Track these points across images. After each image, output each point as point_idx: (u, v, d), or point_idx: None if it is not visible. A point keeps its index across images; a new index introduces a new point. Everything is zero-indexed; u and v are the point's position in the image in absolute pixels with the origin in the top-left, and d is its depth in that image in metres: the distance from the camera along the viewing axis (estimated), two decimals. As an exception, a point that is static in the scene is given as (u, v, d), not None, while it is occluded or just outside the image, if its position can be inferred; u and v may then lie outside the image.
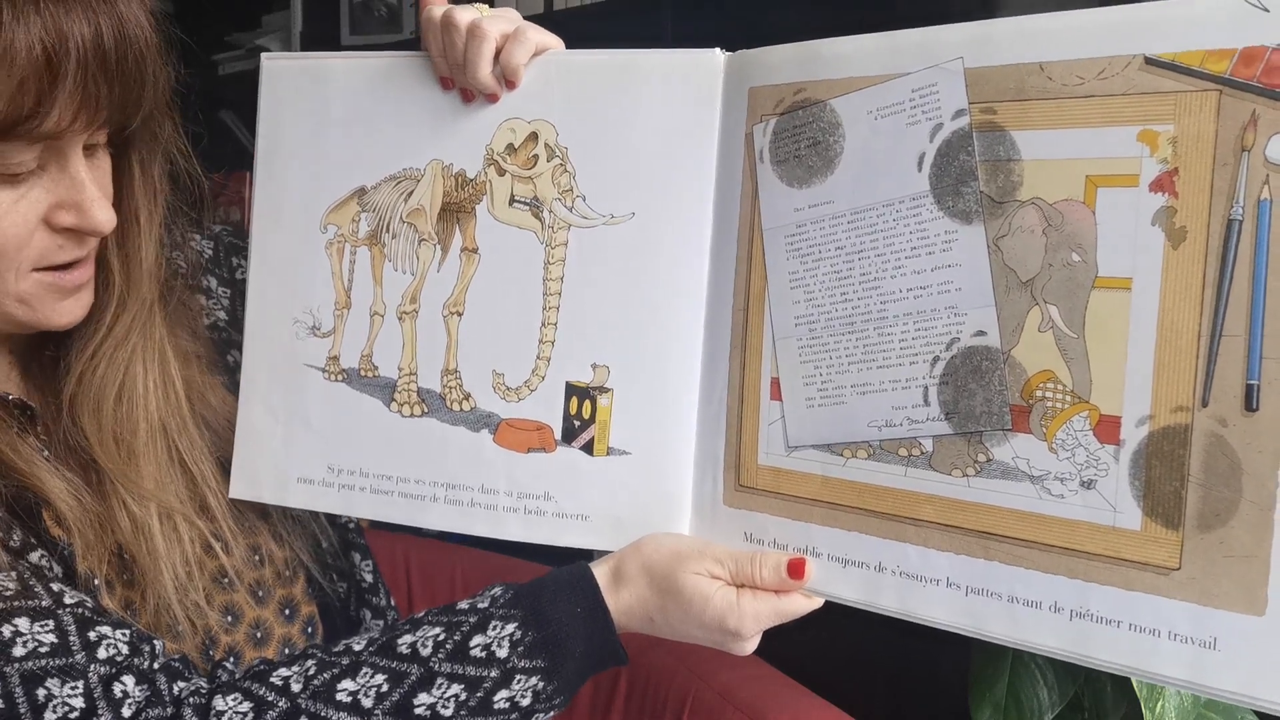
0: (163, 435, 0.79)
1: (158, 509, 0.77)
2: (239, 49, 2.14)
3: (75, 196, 0.68)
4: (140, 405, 0.78)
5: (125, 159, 0.76)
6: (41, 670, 0.64)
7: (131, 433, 0.77)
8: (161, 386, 0.80)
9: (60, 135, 0.65)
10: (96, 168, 0.72)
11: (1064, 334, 0.62)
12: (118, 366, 0.77)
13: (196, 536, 0.79)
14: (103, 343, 0.76)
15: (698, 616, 0.71)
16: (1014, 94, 0.63)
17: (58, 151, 0.67)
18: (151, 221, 0.78)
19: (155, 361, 0.79)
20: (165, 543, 0.76)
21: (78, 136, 0.67)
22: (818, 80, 0.70)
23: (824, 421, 0.70)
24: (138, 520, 0.75)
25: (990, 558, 0.64)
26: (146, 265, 0.77)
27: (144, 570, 0.75)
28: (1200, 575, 0.58)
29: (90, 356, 0.76)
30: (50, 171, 0.68)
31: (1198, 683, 0.58)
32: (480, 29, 0.75)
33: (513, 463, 0.78)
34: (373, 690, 0.68)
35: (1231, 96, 0.57)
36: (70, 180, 0.68)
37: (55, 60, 0.63)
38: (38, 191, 0.68)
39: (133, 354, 0.77)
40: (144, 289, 0.77)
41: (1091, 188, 0.61)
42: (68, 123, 0.65)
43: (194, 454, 0.81)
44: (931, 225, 0.66)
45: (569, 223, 0.77)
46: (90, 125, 0.67)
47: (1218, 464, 0.58)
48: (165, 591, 0.75)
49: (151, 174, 0.77)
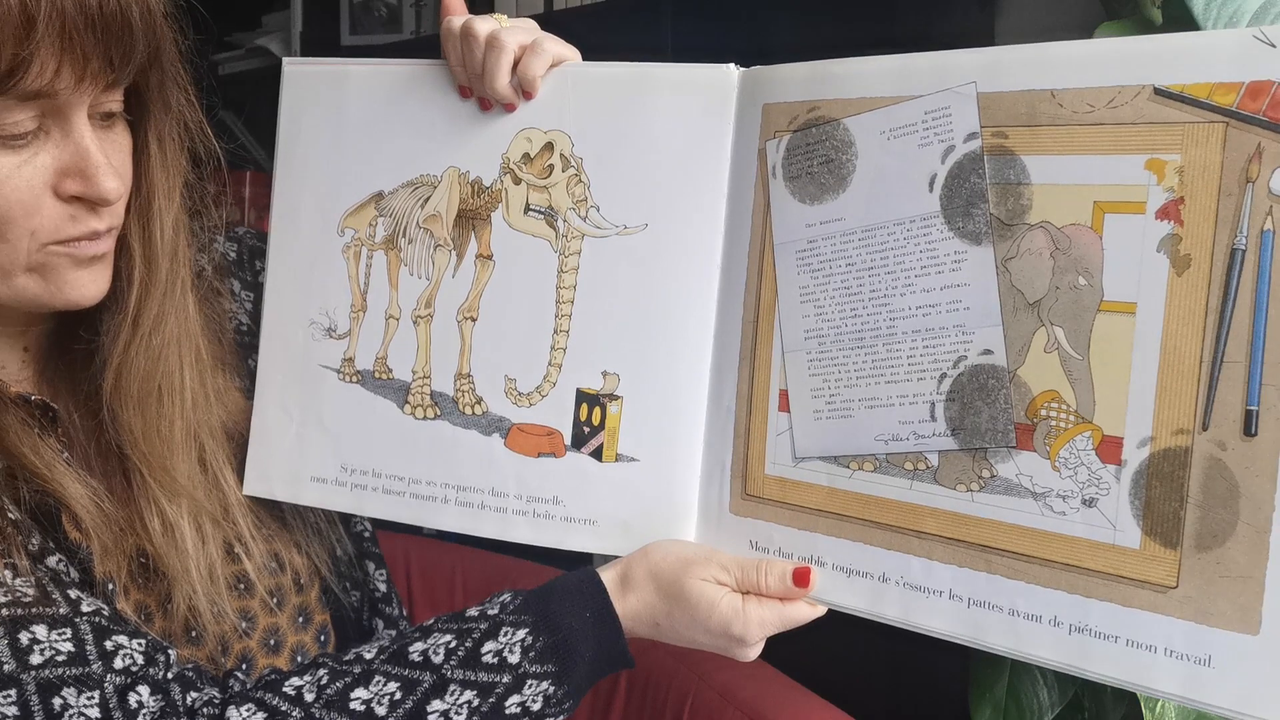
0: (193, 440, 0.79)
1: (189, 507, 0.77)
2: (239, 49, 2.13)
3: (80, 163, 0.67)
4: (178, 401, 0.77)
5: (142, 135, 0.74)
6: (58, 679, 0.64)
7: (169, 427, 0.76)
8: (198, 382, 0.79)
9: (53, 94, 0.64)
10: (112, 142, 0.71)
11: (1069, 355, 0.63)
12: (154, 356, 0.75)
13: (220, 540, 0.80)
14: (135, 330, 0.75)
15: (703, 622, 0.72)
16: (1025, 119, 0.64)
17: (61, 116, 0.66)
18: (170, 199, 0.76)
19: (191, 357, 0.78)
20: (194, 544, 0.76)
21: (75, 98, 0.66)
22: (831, 99, 0.71)
23: (831, 434, 0.72)
24: (168, 519, 0.75)
25: (992, 571, 0.66)
26: (165, 243, 0.75)
27: (171, 572, 0.75)
28: (1197, 594, 0.60)
29: (124, 348, 0.75)
30: (54, 137, 0.67)
31: (1192, 698, 0.60)
32: (499, 40, 0.76)
33: (523, 466, 0.80)
34: (386, 698, 0.69)
35: (1238, 129, 0.58)
36: (75, 146, 0.67)
37: (30, 9, 0.61)
38: (43, 158, 0.66)
39: (167, 345, 0.76)
40: (164, 268, 0.76)
41: (1099, 213, 0.62)
42: (51, 78, 0.63)
43: (218, 457, 0.82)
44: (941, 245, 0.67)
45: (583, 232, 0.78)
46: (81, 82, 0.65)
47: (1216, 486, 0.59)
48: (193, 592, 0.75)
49: (167, 149, 0.76)
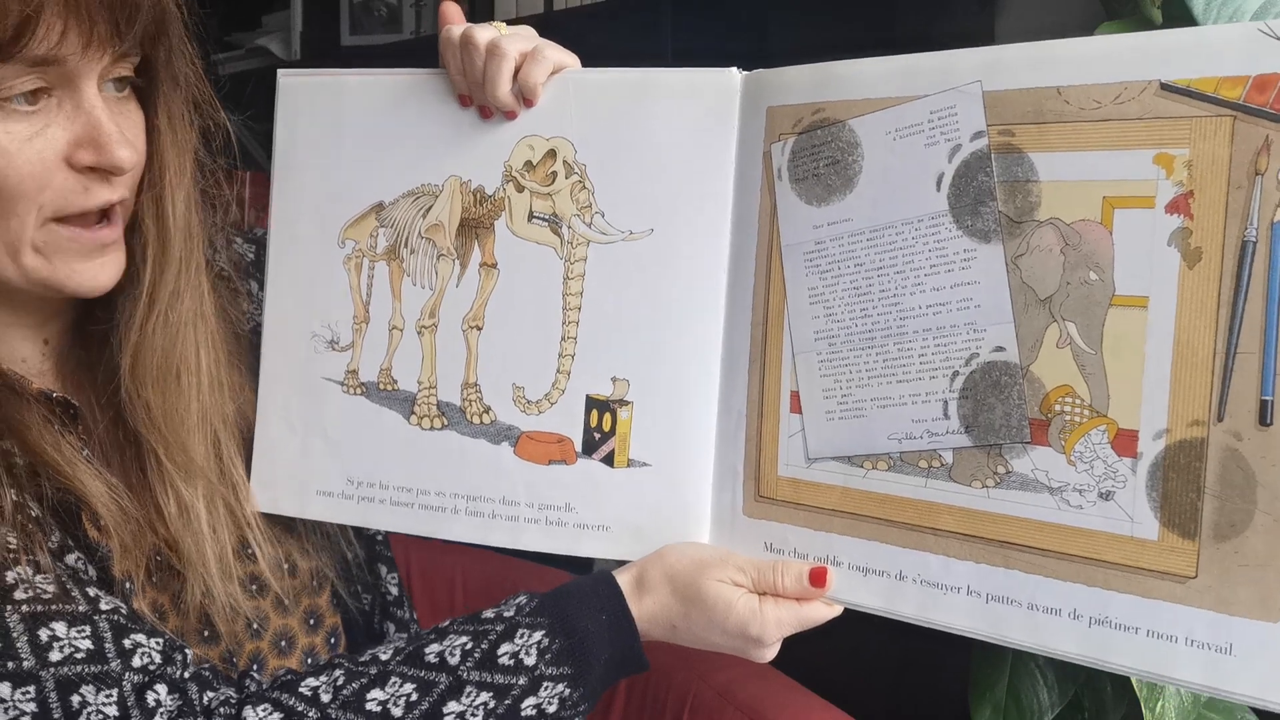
0: (209, 424, 0.79)
1: (204, 490, 0.77)
2: (239, 49, 2.12)
3: (92, 133, 0.67)
4: (195, 382, 0.77)
5: (152, 111, 0.75)
6: (77, 676, 0.64)
7: (187, 407, 0.76)
8: (214, 366, 0.79)
9: (61, 60, 0.64)
10: (124, 115, 0.71)
11: (1082, 350, 0.64)
12: (171, 334, 0.75)
13: (234, 528, 0.80)
14: (151, 308, 0.75)
15: (720, 623, 0.72)
16: (1032, 117, 0.64)
17: (71, 86, 0.67)
18: (181, 175, 0.76)
19: (208, 339, 0.78)
20: (209, 527, 0.76)
21: (84, 65, 0.66)
22: (836, 101, 0.71)
23: (844, 434, 0.72)
24: (184, 501, 0.75)
25: (1010, 566, 0.66)
26: (179, 219, 0.76)
27: (186, 558, 0.75)
28: (1216, 583, 0.60)
29: (141, 326, 0.75)
30: (66, 108, 0.67)
31: (1214, 686, 0.61)
32: (500, 48, 0.76)
33: (533, 474, 0.80)
34: (402, 699, 0.69)
35: (1245, 122, 0.59)
36: (86, 116, 0.67)
37: None
38: (55, 129, 0.67)
39: (184, 323, 0.76)
40: (178, 244, 0.76)
41: (1109, 208, 0.63)
42: (57, 41, 0.63)
43: (230, 448, 0.81)
44: (950, 244, 0.67)
45: (588, 238, 0.78)
46: (89, 48, 0.65)
47: (1233, 476, 0.60)
48: (208, 578, 0.75)
49: (177, 126, 0.76)
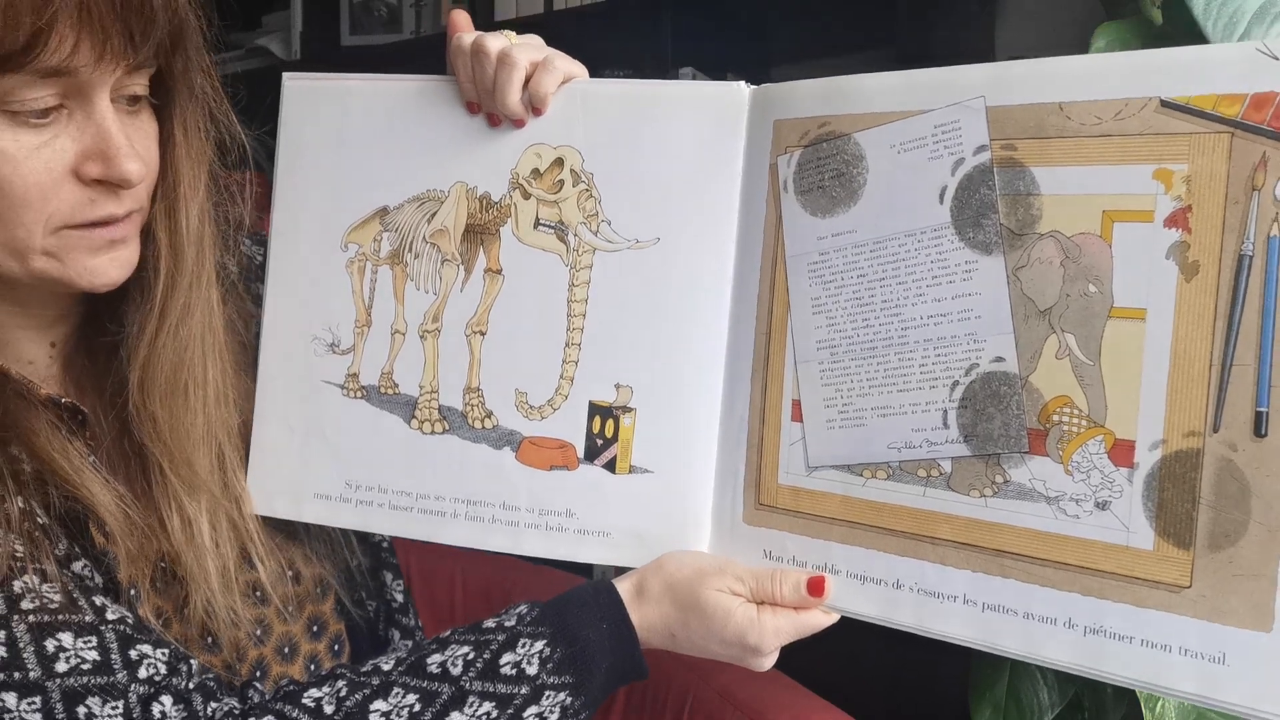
0: (214, 438, 0.79)
1: (207, 504, 0.76)
2: (239, 49, 2.13)
3: (101, 145, 0.67)
4: (202, 395, 0.77)
5: (168, 123, 0.74)
6: (83, 688, 0.64)
7: (193, 420, 0.76)
8: (221, 378, 0.79)
9: (73, 71, 0.63)
10: (137, 127, 0.70)
11: (1080, 361, 0.65)
12: (180, 348, 0.75)
13: (236, 542, 0.79)
14: (161, 322, 0.74)
15: (719, 632, 0.72)
16: (1034, 132, 0.66)
17: (83, 98, 0.66)
18: (195, 187, 0.76)
19: (216, 351, 0.78)
20: (210, 542, 0.76)
21: (97, 77, 0.65)
22: (842, 115, 0.72)
23: (844, 443, 0.73)
24: (187, 515, 0.75)
25: (1006, 575, 0.67)
26: (191, 232, 0.75)
27: (189, 571, 0.74)
28: (1210, 593, 0.61)
29: (150, 340, 0.74)
30: (76, 119, 0.66)
31: (1208, 696, 0.61)
32: (510, 57, 0.77)
33: (534, 480, 0.80)
34: (405, 710, 0.69)
35: (1243, 139, 0.60)
36: (96, 128, 0.66)
37: None
38: (64, 140, 0.66)
39: (193, 337, 0.76)
40: (190, 258, 0.75)
41: (1108, 222, 0.64)
42: (70, 53, 0.62)
43: (233, 460, 0.81)
44: (952, 255, 0.68)
45: (594, 246, 0.79)
46: (102, 60, 0.64)
47: (1228, 487, 0.61)
48: (210, 592, 0.75)
49: (192, 138, 0.76)
